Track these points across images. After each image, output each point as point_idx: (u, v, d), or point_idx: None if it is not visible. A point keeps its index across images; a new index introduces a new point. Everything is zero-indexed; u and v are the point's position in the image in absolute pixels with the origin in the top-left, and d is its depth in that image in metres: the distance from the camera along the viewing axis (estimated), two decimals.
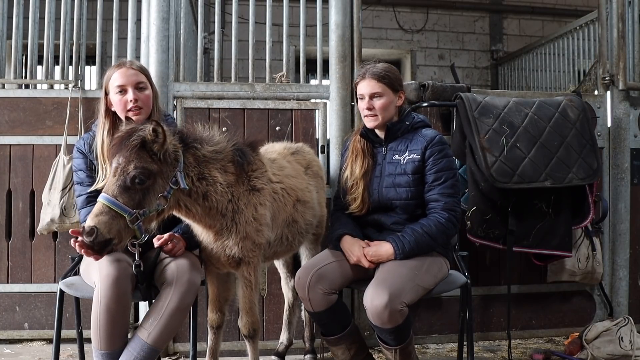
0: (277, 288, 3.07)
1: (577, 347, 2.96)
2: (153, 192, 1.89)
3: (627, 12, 3.52)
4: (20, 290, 3.14)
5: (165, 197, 1.92)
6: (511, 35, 6.93)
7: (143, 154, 1.88)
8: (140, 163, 1.85)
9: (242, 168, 2.17)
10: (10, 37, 3.32)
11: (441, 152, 2.32)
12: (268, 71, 3.26)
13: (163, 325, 2.00)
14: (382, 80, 2.32)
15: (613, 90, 3.49)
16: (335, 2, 3.22)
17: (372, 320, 2.12)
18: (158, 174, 1.90)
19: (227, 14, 4.07)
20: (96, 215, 1.80)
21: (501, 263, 3.34)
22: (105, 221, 1.79)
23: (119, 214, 1.82)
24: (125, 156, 1.86)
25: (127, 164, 1.85)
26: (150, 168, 1.87)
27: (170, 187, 1.93)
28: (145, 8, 3.15)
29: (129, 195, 1.83)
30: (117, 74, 2.25)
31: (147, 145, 1.89)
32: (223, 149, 2.13)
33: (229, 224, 2.12)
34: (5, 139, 3.15)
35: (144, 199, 1.87)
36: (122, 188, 1.83)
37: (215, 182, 2.07)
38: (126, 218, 1.82)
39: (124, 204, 1.82)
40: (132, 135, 1.89)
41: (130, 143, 1.87)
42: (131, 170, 1.84)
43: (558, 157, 2.98)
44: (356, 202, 2.39)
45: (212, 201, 2.06)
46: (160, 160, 1.91)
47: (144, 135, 1.88)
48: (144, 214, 1.86)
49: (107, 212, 1.81)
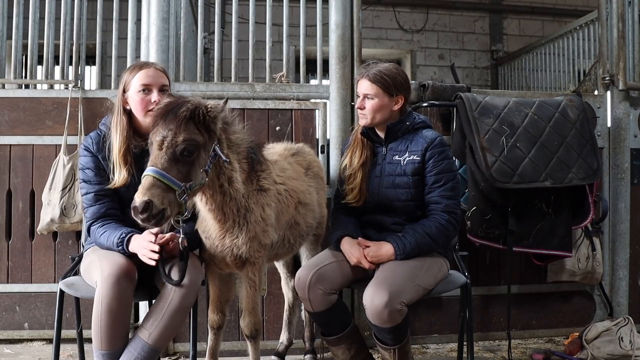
0: (277, 288, 3.07)
1: (577, 347, 2.96)
2: (198, 165, 1.89)
3: (627, 12, 3.53)
4: (20, 290, 3.14)
5: (206, 172, 1.92)
6: (511, 35, 6.93)
7: (190, 126, 1.87)
8: (189, 135, 1.85)
9: (253, 166, 2.17)
10: (10, 37, 3.32)
11: (442, 154, 2.32)
12: (268, 71, 3.26)
13: (163, 325, 2.00)
14: (375, 83, 2.31)
15: (613, 90, 3.49)
16: (335, 2, 3.22)
17: (371, 319, 2.12)
18: (202, 147, 1.90)
19: (227, 14, 4.07)
20: (147, 189, 1.77)
21: (501, 263, 3.34)
22: (158, 194, 1.77)
23: (169, 187, 1.80)
24: (172, 128, 1.85)
25: (175, 135, 1.84)
26: (197, 140, 1.87)
27: (209, 161, 1.93)
28: (145, 8, 3.15)
29: (177, 168, 1.83)
30: (142, 72, 2.21)
31: (194, 118, 1.89)
32: (242, 140, 2.14)
33: (241, 222, 2.11)
34: (5, 139, 3.14)
35: (191, 172, 1.87)
36: (171, 161, 1.82)
37: (237, 170, 2.08)
38: (176, 191, 1.81)
39: (174, 177, 1.81)
40: (180, 107, 1.88)
41: (179, 114, 1.86)
42: (180, 143, 1.83)
43: (558, 157, 2.98)
44: (353, 192, 2.40)
45: (234, 189, 2.06)
46: (204, 133, 1.91)
47: (192, 107, 1.88)
48: (191, 187, 1.87)
49: (159, 186, 1.78)
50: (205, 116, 1.91)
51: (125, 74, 2.26)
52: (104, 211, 2.18)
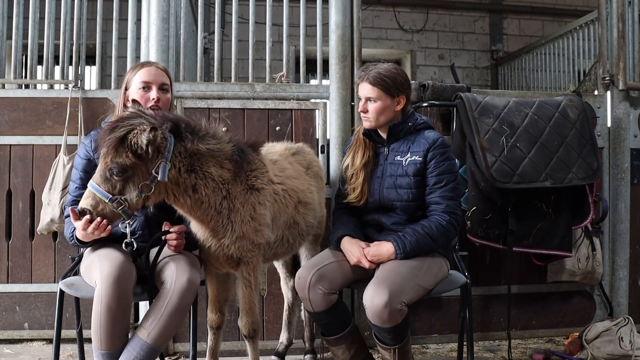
0: (277, 288, 3.07)
1: (577, 347, 2.96)
2: (132, 182, 1.96)
3: (627, 12, 3.53)
4: (20, 290, 3.14)
5: (147, 186, 1.97)
6: (511, 35, 6.94)
7: (122, 149, 1.93)
8: (116, 158, 1.93)
9: (241, 167, 2.17)
10: (10, 37, 3.32)
11: (443, 155, 2.32)
12: (268, 71, 3.26)
13: (163, 325, 2.00)
14: (377, 85, 2.30)
15: (613, 90, 3.49)
16: (335, 2, 3.22)
17: (371, 319, 2.12)
18: (137, 167, 1.96)
19: (227, 14, 4.07)
20: (85, 198, 1.97)
21: (501, 263, 3.34)
22: (93, 204, 1.95)
23: (102, 199, 1.94)
24: (106, 149, 1.95)
25: (106, 156, 1.95)
26: (126, 164, 1.94)
27: (154, 176, 1.97)
28: (145, 8, 3.15)
29: (110, 184, 1.95)
30: (143, 70, 2.30)
31: (126, 141, 1.93)
32: (222, 146, 2.14)
33: (225, 222, 2.12)
34: (5, 139, 3.14)
35: (124, 188, 1.96)
36: (103, 177, 1.95)
37: (206, 177, 2.07)
38: (108, 203, 1.94)
39: (105, 191, 1.94)
40: (117, 129, 1.94)
41: (111, 137, 1.93)
42: (109, 163, 1.94)
43: (558, 157, 2.98)
44: (355, 192, 2.40)
45: (201, 195, 2.07)
46: (140, 155, 1.94)
47: (125, 131, 1.93)
48: (126, 200, 1.96)
49: (93, 197, 1.96)
50: (132, 143, 1.94)
51: (128, 72, 2.35)
52: None
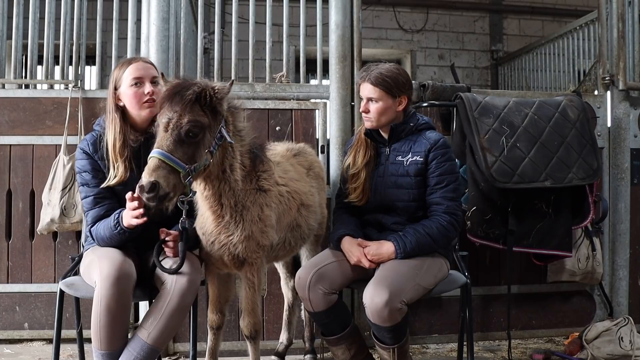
0: (277, 288, 3.07)
1: (577, 347, 2.96)
2: (203, 146, 1.91)
3: (627, 12, 3.53)
4: (20, 290, 3.14)
5: (211, 153, 1.94)
6: (511, 35, 6.93)
7: (196, 107, 1.89)
8: (193, 117, 1.87)
9: (255, 164, 2.17)
10: (10, 37, 3.32)
11: (444, 156, 2.32)
12: (268, 71, 3.26)
13: (163, 325, 2.00)
14: (379, 85, 2.31)
15: (613, 90, 3.49)
16: (335, 2, 3.22)
17: (371, 318, 2.12)
18: (207, 128, 1.92)
19: (227, 14, 4.07)
20: (153, 170, 1.81)
21: (501, 263, 3.34)
22: (164, 175, 1.81)
23: (174, 169, 1.83)
24: (177, 110, 1.88)
25: (180, 117, 1.87)
26: (202, 121, 1.89)
27: (215, 143, 1.95)
28: (145, 8, 3.15)
29: (182, 150, 1.86)
30: (132, 67, 2.23)
31: (200, 100, 1.90)
32: (246, 131, 2.15)
33: (237, 218, 2.11)
34: (5, 139, 3.14)
35: (196, 153, 1.89)
36: (176, 142, 1.85)
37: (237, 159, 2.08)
38: (181, 173, 1.84)
39: (178, 159, 1.84)
40: (186, 89, 1.90)
41: (185, 96, 1.88)
42: (185, 124, 1.86)
43: (558, 157, 2.98)
44: (356, 191, 2.40)
45: (234, 178, 2.06)
46: (209, 114, 1.92)
47: (200, 89, 1.90)
48: (195, 169, 1.89)
49: (164, 167, 1.82)
50: (212, 97, 1.93)
51: (114, 71, 2.27)
52: (104, 213, 2.17)
